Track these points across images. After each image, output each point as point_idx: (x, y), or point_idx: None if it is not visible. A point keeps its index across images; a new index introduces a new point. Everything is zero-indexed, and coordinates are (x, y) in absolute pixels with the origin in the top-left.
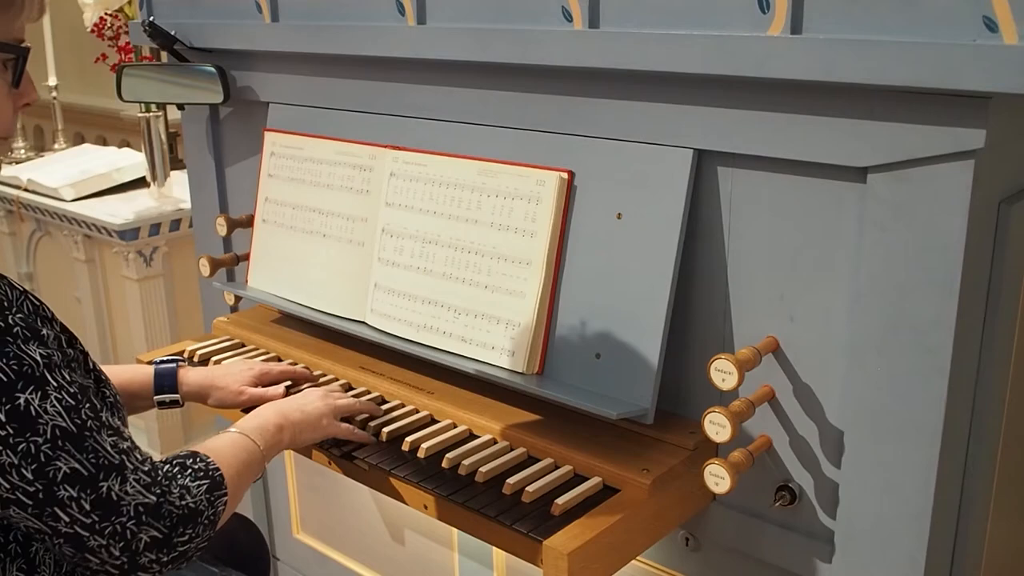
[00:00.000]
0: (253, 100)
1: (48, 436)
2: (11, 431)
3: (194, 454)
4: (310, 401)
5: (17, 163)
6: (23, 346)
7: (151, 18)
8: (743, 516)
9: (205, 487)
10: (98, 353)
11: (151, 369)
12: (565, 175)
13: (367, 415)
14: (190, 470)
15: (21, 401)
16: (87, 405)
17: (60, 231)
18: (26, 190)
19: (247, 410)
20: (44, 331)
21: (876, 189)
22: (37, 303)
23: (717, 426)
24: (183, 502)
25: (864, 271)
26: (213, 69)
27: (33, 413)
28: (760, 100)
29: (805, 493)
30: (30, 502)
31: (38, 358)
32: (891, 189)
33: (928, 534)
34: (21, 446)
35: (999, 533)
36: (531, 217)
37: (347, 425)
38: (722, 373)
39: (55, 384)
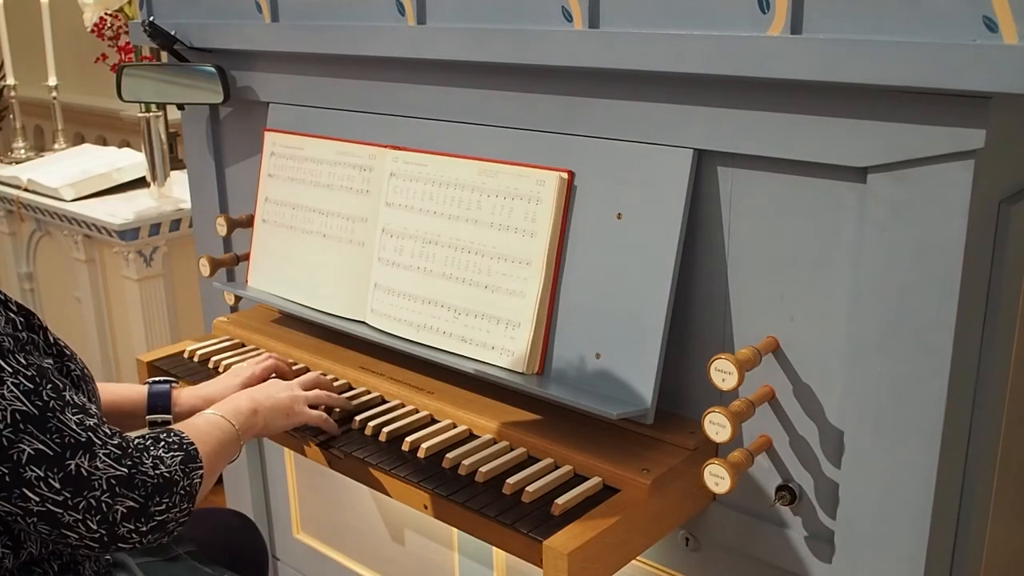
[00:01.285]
0: (253, 100)
1: (8, 421)
2: None
3: (167, 429)
4: (278, 389)
5: (17, 163)
6: None
7: (151, 18)
8: (743, 516)
9: (179, 459)
10: (98, 353)
11: (145, 389)
12: (565, 175)
13: (342, 408)
14: (163, 442)
15: None
16: (48, 386)
17: (60, 231)
18: (26, 190)
19: None
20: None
21: (876, 189)
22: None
23: (717, 426)
24: (156, 471)
25: (864, 271)
26: (213, 69)
27: None
28: (760, 100)
29: (805, 493)
30: None
31: None
32: (891, 189)
33: (928, 534)
34: None
35: (999, 533)
36: (531, 217)
37: (318, 412)
38: (722, 373)
39: (10, 370)
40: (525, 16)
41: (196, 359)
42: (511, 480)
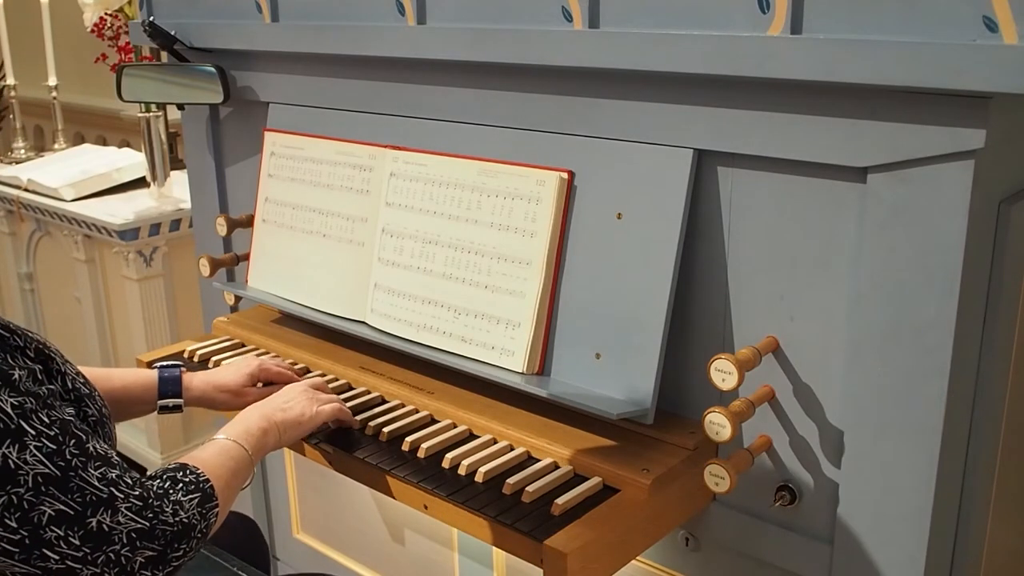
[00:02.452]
0: (253, 100)
1: (30, 484)
2: None
3: (183, 466)
4: (292, 398)
5: (17, 163)
6: None
7: (151, 18)
8: (743, 516)
9: (197, 500)
10: (98, 353)
11: (154, 374)
12: (565, 175)
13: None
14: (181, 484)
15: None
16: (71, 443)
17: (60, 231)
18: (26, 190)
19: None
20: (15, 373)
21: (876, 189)
22: (6, 334)
23: (717, 426)
24: (176, 519)
25: (864, 271)
26: (213, 69)
27: (12, 466)
28: (760, 100)
29: (805, 493)
30: (16, 549)
31: (9, 410)
32: (891, 189)
33: (928, 534)
34: (3, 499)
35: (999, 533)
36: (531, 217)
37: (332, 406)
38: (722, 373)
39: (33, 432)
40: (525, 16)
41: (196, 359)
42: (511, 480)
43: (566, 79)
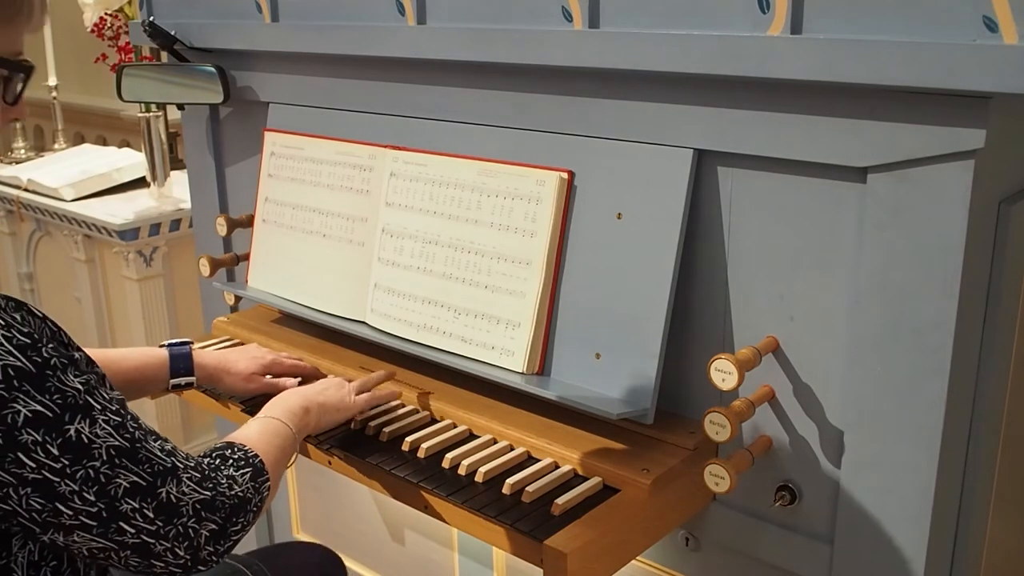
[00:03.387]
0: (253, 100)
1: (105, 457)
2: (67, 462)
3: (230, 444)
4: (329, 385)
5: (17, 163)
6: (63, 377)
7: (151, 18)
8: (743, 516)
9: (249, 475)
10: None
11: (165, 352)
12: (565, 175)
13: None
14: (231, 460)
15: (72, 432)
16: (129, 417)
17: (60, 231)
18: (26, 190)
19: (253, 400)
20: (76, 354)
21: (876, 189)
22: (55, 328)
23: (717, 426)
24: (232, 491)
25: (864, 271)
26: (213, 69)
27: (86, 440)
28: (760, 100)
29: (805, 493)
30: (94, 523)
31: (79, 386)
32: (891, 189)
33: (928, 534)
34: (80, 473)
35: (999, 533)
36: (531, 217)
37: (364, 395)
38: (722, 373)
39: (99, 407)
40: (525, 16)
41: None
42: (511, 480)
43: (566, 79)
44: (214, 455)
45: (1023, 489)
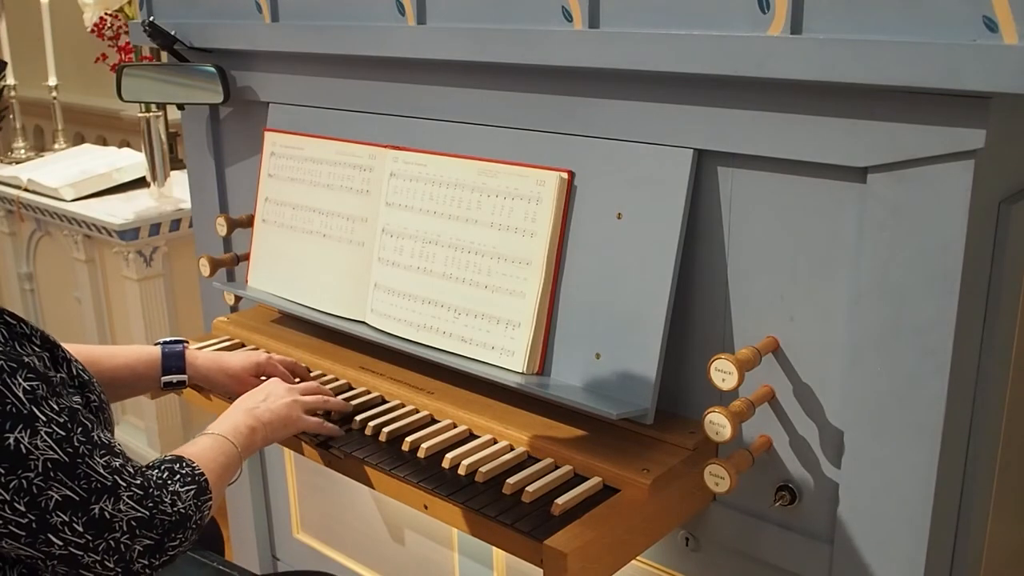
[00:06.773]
0: (253, 100)
1: (40, 470)
2: (3, 471)
3: (179, 458)
4: (278, 397)
5: (17, 163)
6: (8, 381)
7: (151, 18)
8: (743, 516)
9: (193, 492)
10: None
11: (157, 350)
12: (565, 175)
13: (340, 411)
14: (178, 475)
15: (11, 441)
16: (79, 430)
17: (60, 231)
18: (26, 190)
19: None
20: (27, 358)
21: (876, 189)
22: (12, 321)
23: (717, 426)
24: (174, 508)
25: (864, 271)
26: (213, 69)
27: (24, 451)
28: (760, 100)
29: (805, 493)
30: (23, 533)
31: (21, 395)
32: (891, 189)
33: (928, 534)
34: (13, 483)
35: (999, 533)
36: (531, 217)
37: (315, 419)
38: (722, 373)
39: (44, 418)
40: (525, 16)
41: None
42: (511, 480)
43: (566, 79)
44: (163, 467)
45: (1023, 489)
